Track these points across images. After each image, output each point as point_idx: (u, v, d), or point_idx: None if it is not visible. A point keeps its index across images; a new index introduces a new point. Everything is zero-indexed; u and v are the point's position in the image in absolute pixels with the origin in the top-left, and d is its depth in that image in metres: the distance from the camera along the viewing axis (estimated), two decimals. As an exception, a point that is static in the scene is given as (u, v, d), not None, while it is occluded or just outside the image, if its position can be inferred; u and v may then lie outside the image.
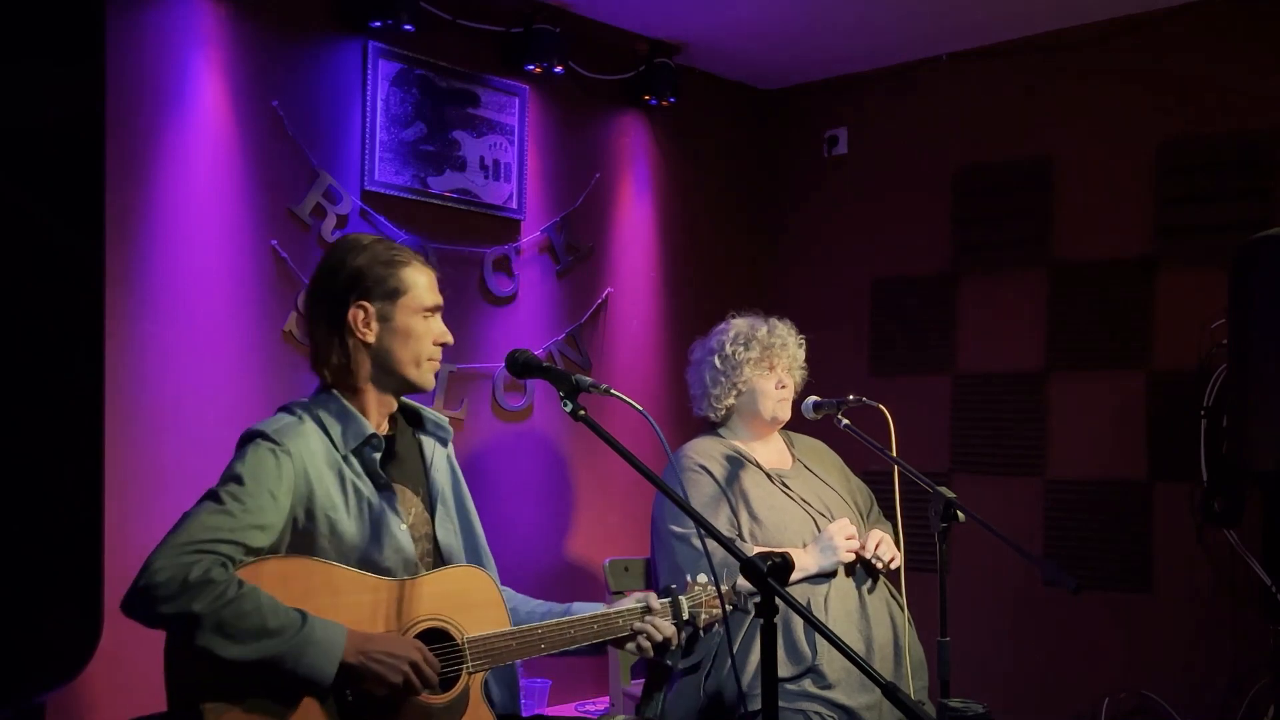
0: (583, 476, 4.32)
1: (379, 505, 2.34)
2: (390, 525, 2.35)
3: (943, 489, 2.91)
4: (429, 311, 2.44)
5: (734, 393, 3.36)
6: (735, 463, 3.30)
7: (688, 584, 2.59)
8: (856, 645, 3.05)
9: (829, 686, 2.97)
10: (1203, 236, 4.04)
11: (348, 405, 2.38)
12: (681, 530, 3.15)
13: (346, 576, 2.26)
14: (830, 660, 2.98)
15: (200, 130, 3.34)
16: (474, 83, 3.97)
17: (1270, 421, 3.23)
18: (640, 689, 2.90)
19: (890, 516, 3.37)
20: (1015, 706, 4.20)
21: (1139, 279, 4.18)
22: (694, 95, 4.70)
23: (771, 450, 3.43)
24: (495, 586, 2.45)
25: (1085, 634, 4.20)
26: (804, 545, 3.17)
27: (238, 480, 2.21)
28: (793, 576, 3.03)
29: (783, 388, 3.36)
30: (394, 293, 2.40)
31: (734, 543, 2.10)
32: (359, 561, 2.30)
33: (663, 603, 2.53)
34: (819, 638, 2.97)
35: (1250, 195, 3.97)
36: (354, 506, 2.32)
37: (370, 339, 2.38)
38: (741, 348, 3.35)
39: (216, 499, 2.18)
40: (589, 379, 2.27)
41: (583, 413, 2.23)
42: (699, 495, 3.22)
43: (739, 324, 3.42)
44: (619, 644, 2.51)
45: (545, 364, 2.41)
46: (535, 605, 2.61)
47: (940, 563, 2.88)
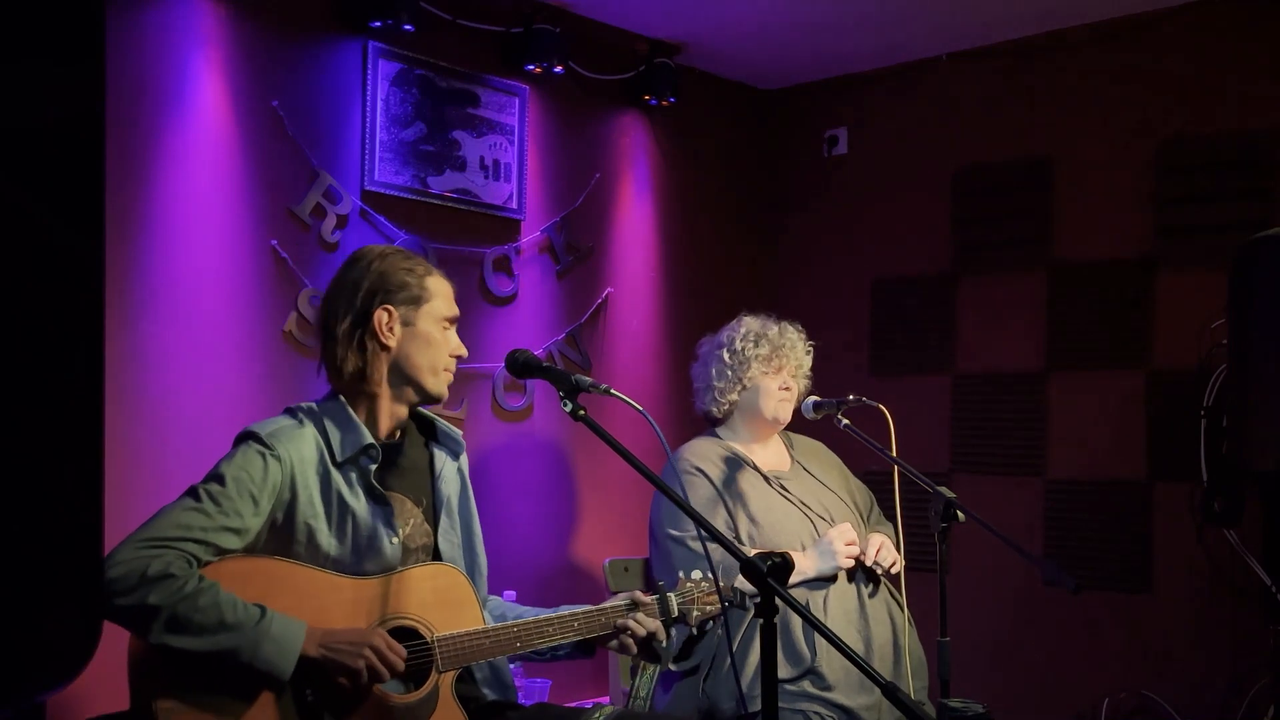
0: (583, 476, 4.32)
1: (368, 518, 2.31)
2: (379, 539, 2.32)
3: (943, 489, 2.91)
4: (448, 322, 2.46)
5: (738, 389, 3.36)
6: (733, 465, 3.30)
7: (679, 581, 2.58)
8: (856, 645, 3.05)
9: (828, 687, 2.97)
10: (1203, 236, 4.04)
11: (352, 414, 2.37)
12: (678, 533, 3.15)
13: (310, 576, 2.24)
14: (830, 661, 2.98)
15: (200, 130, 3.34)
16: (474, 83, 3.97)
17: (1270, 421, 3.22)
18: (635, 668, 2.89)
19: (890, 516, 3.37)
20: (1015, 706, 4.20)
21: (1139, 279, 4.18)
22: (694, 95, 4.70)
23: (770, 452, 3.42)
24: (469, 585, 2.40)
25: (1085, 634, 4.20)
26: (802, 548, 3.17)
27: (220, 480, 2.21)
28: (791, 579, 3.04)
29: (786, 390, 3.36)
30: (417, 299, 2.42)
31: (733, 543, 2.10)
32: (334, 571, 2.27)
33: (651, 599, 2.51)
34: (818, 638, 2.97)
35: (1250, 195, 3.97)
36: (336, 518, 2.29)
37: (391, 343, 2.39)
38: (751, 344, 3.36)
39: (195, 496, 2.19)
40: (589, 379, 2.28)
41: (583, 413, 2.24)
42: (695, 498, 3.22)
43: (750, 322, 3.42)
44: (603, 642, 2.48)
45: (545, 364, 2.41)
46: (523, 610, 2.58)
47: (940, 563, 2.89)
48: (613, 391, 2.28)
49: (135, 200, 3.21)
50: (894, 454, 3.09)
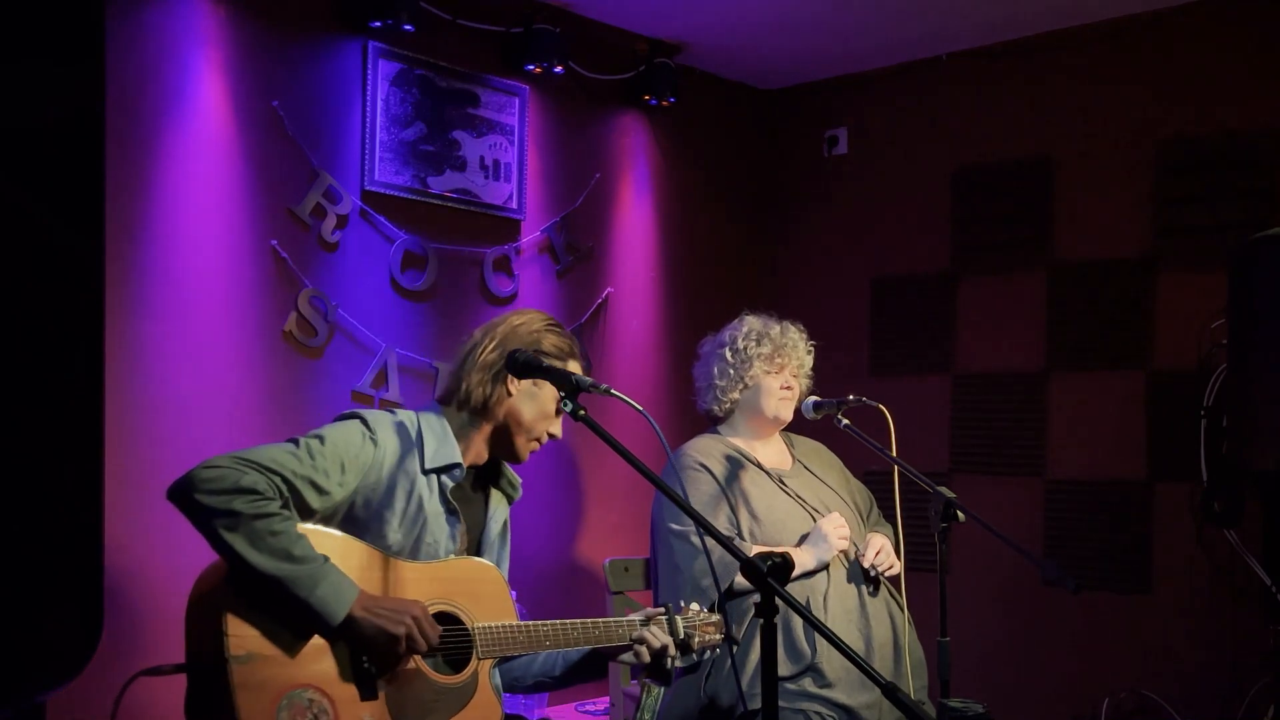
0: (583, 476, 4.32)
1: (437, 526, 2.45)
2: (438, 547, 2.45)
3: (943, 489, 2.91)
4: (563, 404, 2.54)
5: (740, 387, 3.36)
6: (735, 462, 3.30)
7: (682, 609, 2.66)
8: (856, 644, 3.05)
9: (828, 685, 2.97)
10: (1203, 236, 4.04)
11: (450, 432, 2.51)
12: (680, 528, 3.15)
13: (362, 550, 2.34)
14: (830, 659, 2.98)
15: (200, 130, 3.34)
16: (474, 83, 3.97)
17: (1270, 421, 3.23)
18: (640, 689, 2.90)
19: (890, 517, 3.37)
20: (1015, 706, 4.20)
21: (1139, 279, 4.18)
22: (694, 95, 4.70)
23: (771, 450, 3.43)
24: (505, 584, 2.54)
25: (1085, 634, 4.20)
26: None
27: (320, 439, 2.34)
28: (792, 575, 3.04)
29: (787, 389, 3.36)
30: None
31: (733, 541, 2.10)
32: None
33: (660, 621, 2.59)
34: (819, 637, 2.97)
35: (1250, 195, 3.97)
36: (410, 517, 2.42)
37: (513, 391, 2.54)
38: (753, 343, 3.36)
39: (295, 443, 2.32)
40: (589, 379, 2.30)
41: (583, 413, 2.25)
42: (698, 494, 3.22)
43: (753, 321, 3.43)
44: (614, 654, 2.58)
45: (545, 364, 2.43)
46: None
47: (940, 563, 2.89)
48: (613, 391, 2.29)
49: (135, 200, 3.21)
50: (894, 454, 3.09)
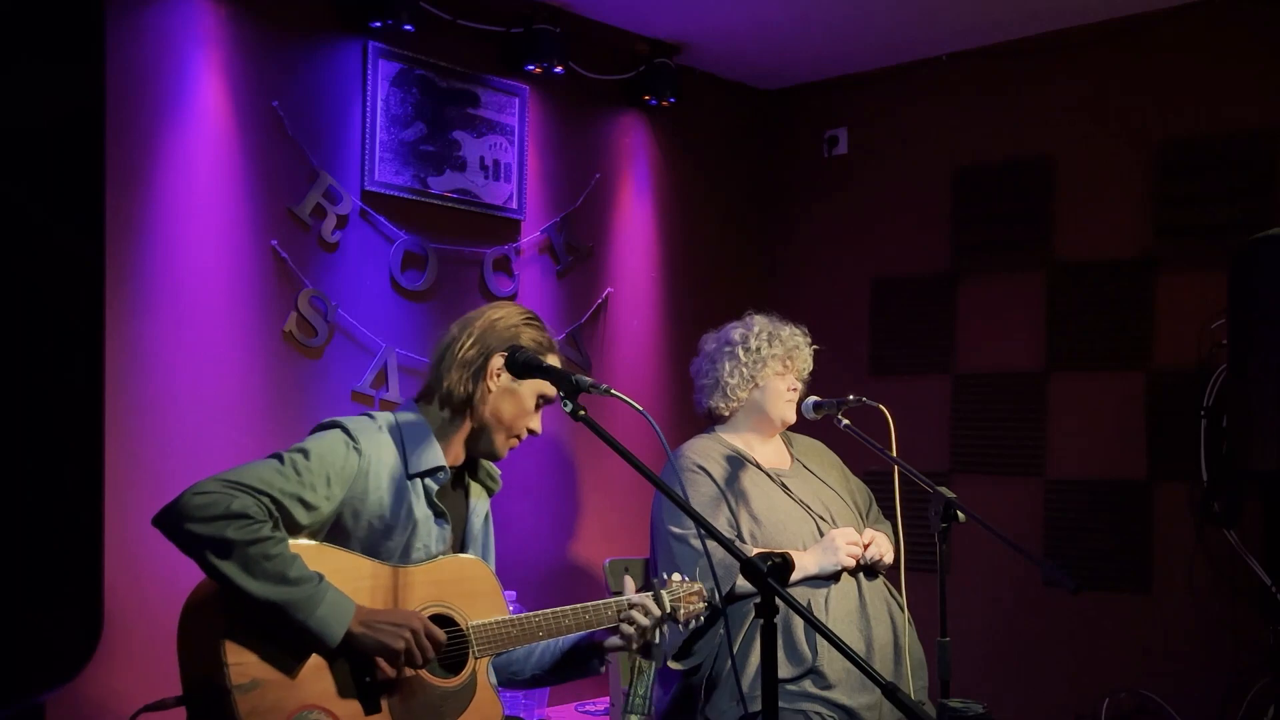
0: (583, 476, 4.31)
1: (427, 530, 2.44)
2: (430, 549, 2.44)
3: (943, 489, 2.91)
4: (543, 400, 2.56)
5: (750, 387, 3.34)
6: (735, 463, 3.30)
7: (666, 581, 2.65)
8: (856, 645, 3.05)
9: (829, 687, 2.97)
10: (1203, 236, 4.04)
11: (431, 434, 2.49)
12: (680, 530, 3.15)
13: (354, 561, 2.33)
14: (830, 660, 2.98)
15: (200, 130, 3.34)
16: (474, 83, 3.97)
17: (1270, 421, 3.23)
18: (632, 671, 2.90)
19: (890, 516, 3.37)
20: (1015, 706, 4.20)
21: (1139, 279, 4.18)
22: (694, 95, 4.70)
23: (770, 450, 3.42)
24: (494, 578, 2.52)
25: (1085, 634, 4.20)
26: (803, 547, 3.17)
27: (304, 454, 2.30)
28: (792, 577, 3.04)
29: (794, 391, 3.36)
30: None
31: (734, 543, 2.10)
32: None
33: (647, 595, 2.60)
34: (819, 638, 2.97)
35: (1250, 195, 3.97)
36: (398, 525, 2.40)
37: (492, 387, 2.51)
38: (766, 343, 3.34)
39: (279, 459, 2.28)
40: (589, 379, 2.29)
41: (583, 413, 2.24)
42: (698, 496, 3.21)
43: (763, 321, 3.40)
44: (605, 639, 2.57)
45: (545, 364, 2.43)
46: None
47: (940, 563, 2.89)
48: (613, 391, 2.28)
49: (135, 200, 3.21)
50: (894, 454, 3.09)
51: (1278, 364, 3.21)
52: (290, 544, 2.24)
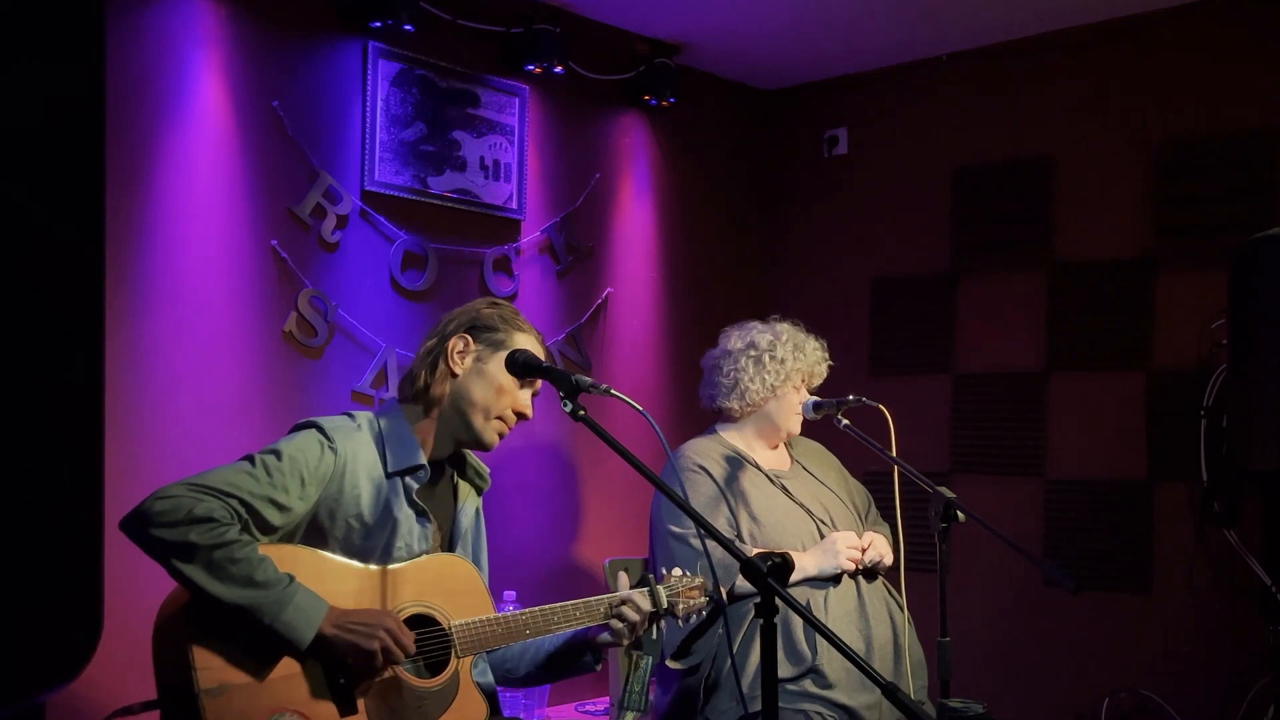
0: (583, 476, 4.32)
1: (408, 529, 2.40)
2: (411, 549, 2.41)
3: (943, 489, 2.91)
4: (525, 381, 2.50)
5: (769, 394, 3.32)
6: (734, 464, 3.30)
7: (664, 575, 2.63)
8: (856, 645, 3.05)
9: (829, 686, 2.97)
10: (1203, 236, 4.04)
11: (409, 431, 2.46)
12: (680, 530, 3.15)
13: (331, 563, 2.30)
14: (830, 660, 2.98)
15: (200, 130, 3.34)
16: (474, 83, 3.97)
17: (1270, 421, 3.23)
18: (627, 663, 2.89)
19: (890, 517, 3.37)
20: (1015, 706, 4.20)
21: (1139, 279, 4.18)
22: (694, 95, 4.70)
23: (770, 452, 3.42)
24: (479, 576, 2.49)
25: (1085, 634, 4.20)
26: (803, 548, 3.17)
27: (276, 455, 2.28)
28: (791, 578, 3.04)
29: (803, 403, 3.35)
30: (499, 344, 2.51)
31: (733, 543, 2.10)
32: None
33: (641, 591, 2.57)
34: (819, 638, 2.97)
35: (1250, 195, 3.97)
36: (377, 524, 2.37)
37: (458, 371, 2.49)
38: (791, 356, 3.31)
39: (250, 461, 2.26)
40: (589, 379, 2.28)
41: (583, 413, 2.24)
42: (698, 496, 3.21)
43: (789, 330, 3.36)
44: (597, 634, 2.53)
45: (545, 364, 2.43)
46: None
47: (940, 563, 2.88)
48: (613, 391, 2.28)
49: (135, 200, 3.21)
50: (894, 454, 3.09)
51: (1278, 364, 3.21)
52: (273, 548, 2.22)
